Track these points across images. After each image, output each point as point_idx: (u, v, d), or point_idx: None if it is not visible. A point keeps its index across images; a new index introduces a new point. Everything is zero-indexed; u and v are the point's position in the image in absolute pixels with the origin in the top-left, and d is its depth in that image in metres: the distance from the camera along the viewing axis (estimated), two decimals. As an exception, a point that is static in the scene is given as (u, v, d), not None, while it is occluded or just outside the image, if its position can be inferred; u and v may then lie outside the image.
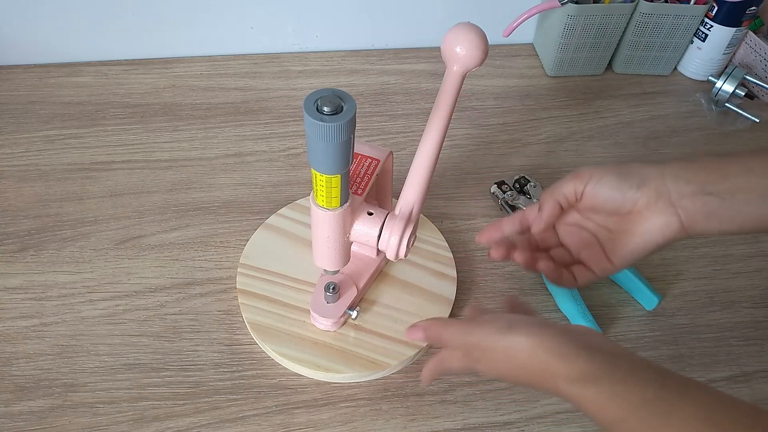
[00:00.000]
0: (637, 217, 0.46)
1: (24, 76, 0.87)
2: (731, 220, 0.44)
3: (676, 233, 0.45)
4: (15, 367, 0.58)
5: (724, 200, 0.43)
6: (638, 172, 0.46)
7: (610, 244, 0.49)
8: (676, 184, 0.44)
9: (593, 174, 0.47)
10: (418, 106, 0.87)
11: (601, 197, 0.47)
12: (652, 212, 0.45)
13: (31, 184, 0.74)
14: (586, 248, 0.50)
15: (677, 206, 0.44)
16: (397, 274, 0.66)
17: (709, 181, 0.44)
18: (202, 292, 0.65)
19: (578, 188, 0.48)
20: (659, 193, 0.45)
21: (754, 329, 0.65)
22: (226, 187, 0.75)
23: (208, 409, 0.57)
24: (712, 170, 0.44)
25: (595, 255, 0.49)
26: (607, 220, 0.49)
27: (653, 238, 0.46)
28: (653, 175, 0.45)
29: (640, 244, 0.46)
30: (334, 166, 0.44)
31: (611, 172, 0.46)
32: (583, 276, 0.50)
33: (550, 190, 0.49)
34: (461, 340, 0.43)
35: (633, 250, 0.47)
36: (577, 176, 0.48)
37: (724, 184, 0.43)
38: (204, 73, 0.89)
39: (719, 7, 0.86)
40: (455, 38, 0.50)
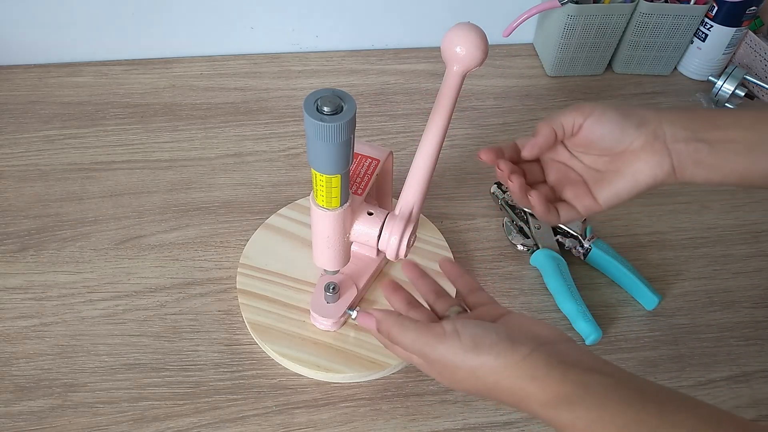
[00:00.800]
0: (630, 156, 0.46)
1: (24, 76, 0.87)
2: (718, 168, 0.45)
3: (666, 176, 0.46)
4: (15, 367, 0.58)
5: (713, 148, 0.44)
6: (638, 113, 0.46)
7: (597, 183, 0.48)
8: (672, 128, 0.45)
9: (595, 109, 0.47)
10: (418, 106, 0.87)
11: (599, 132, 0.47)
12: (646, 153, 0.45)
13: (31, 184, 0.74)
14: (572, 186, 0.50)
15: (671, 149, 0.45)
16: (397, 274, 0.66)
17: (701, 128, 0.45)
18: (202, 292, 0.65)
19: (578, 120, 0.47)
20: (656, 135, 0.45)
21: (754, 329, 0.65)
22: (226, 187, 0.75)
23: (208, 409, 0.57)
24: (705, 119, 0.45)
25: (580, 194, 0.49)
26: (596, 160, 0.49)
27: (643, 178, 0.46)
28: (652, 118, 0.46)
29: (631, 182, 0.47)
30: (334, 166, 0.44)
31: (613, 109, 0.46)
32: (567, 212, 0.49)
33: (548, 118, 0.49)
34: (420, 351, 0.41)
35: (621, 189, 0.47)
36: (578, 108, 0.47)
37: (715, 132, 0.44)
38: (204, 73, 0.89)
39: (719, 7, 0.86)
40: (455, 38, 0.50)
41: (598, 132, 0.47)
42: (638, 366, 0.62)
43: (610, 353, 0.63)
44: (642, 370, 0.62)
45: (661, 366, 0.62)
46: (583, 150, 0.49)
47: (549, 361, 0.37)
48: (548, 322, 0.64)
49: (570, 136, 0.49)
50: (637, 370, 0.62)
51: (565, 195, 0.50)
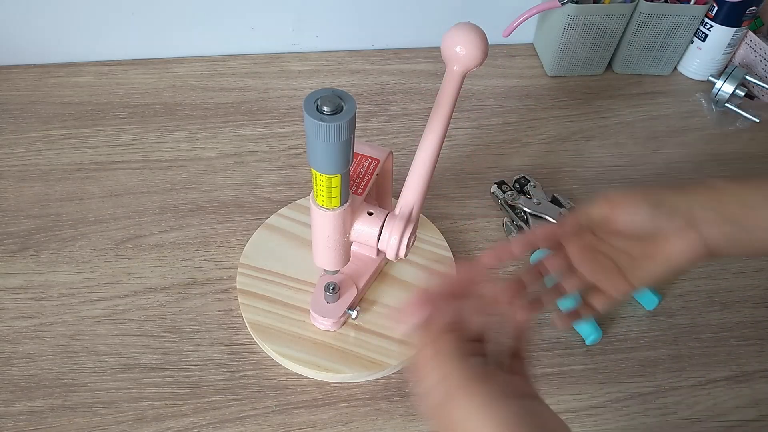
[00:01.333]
0: (663, 242, 0.46)
1: (24, 76, 0.87)
2: (753, 246, 0.45)
3: (700, 257, 0.45)
4: (15, 367, 0.58)
5: (747, 229, 0.44)
6: (668, 201, 0.46)
7: (630, 268, 0.48)
8: (703, 212, 0.45)
9: (625, 201, 0.46)
10: (418, 106, 0.87)
11: (629, 225, 0.46)
12: (680, 239, 0.45)
13: (31, 184, 0.73)
14: (603, 272, 0.49)
15: (704, 233, 0.45)
16: (397, 274, 0.66)
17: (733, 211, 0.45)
18: (202, 292, 0.65)
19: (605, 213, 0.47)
20: (689, 222, 0.45)
21: (754, 329, 0.65)
22: (226, 187, 0.75)
23: (208, 409, 0.57)
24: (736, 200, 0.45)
25: (613, 278, 0.48)
26: (627, 244, 0.48)
27: (678, 262, 0.46)
28: (683, 205, 0.45)
29: (665, 267, 0.46)
30: (334, 166, 0.44)
31: (643, 200, 0.46)
32: (601, 303, 0.49)
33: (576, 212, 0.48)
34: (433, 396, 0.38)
35: (656, 272, 0.47)
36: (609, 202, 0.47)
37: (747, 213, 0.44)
38: (204, 73, 0.89)
39: (719, 7, 0.86)
40: (455, 38, 0.50)
41: (628, 224, 0.46)
42: (638, 366, 0.62)
43: (610, 353, 0.63)
44: (642, 370, 0.62)
45: (661, 366, 0.62)
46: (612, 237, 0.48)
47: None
48: (548, 322, 0.64)
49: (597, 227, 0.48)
50: (637, 370, 0.62)
51: (598, 283, 0.49)
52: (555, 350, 0.63)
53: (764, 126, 0.87)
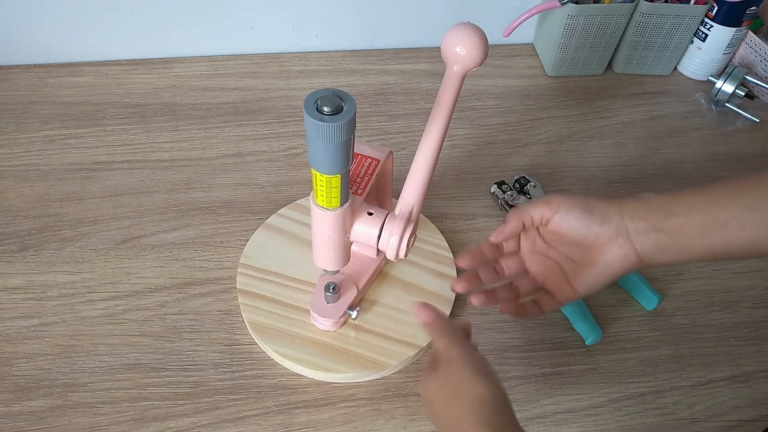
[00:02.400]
0: (599, 250, 0.49)
1: (24, 76, 0.87)
2: (680, 252, 0.48)
3: (634, 264, 0.49)
4: (15, 367, 0.58)
5: (672, 236, 0.47)
6: (601, 209, 0.49)
7: (573, 273, 0.52)
8: (632, 221, 0.48)
9: (562, 204, 0.50)
10: (418, 106, 0.87)
11: (566, 227, 0.50)
12: (612, 246, 0.49)
13: (31, 184, 0.73)
14: (552, 277, 0.53)
15: (634, 241, 0.48)
16: (397, 274, 0.66)
17: (658, 219, 0.48)
18: (202, 292, 0.65)
19: (546, 214, 0.51)
20: (619, 230, 0.48)
21: (754, 329, 0.65)
22: (226, 187, 0.75)
23: (208, 409, 0.57)
24: (660, 209, 0.48)
25: (560, 283, 0.53)
26: (571, 250, 0.52)
27: (613, 270, 0.50)
28: (613, 213, 0.49)
29: (602, 274, 0.50)
30: (334, 166, 0.44)
31: (579, 206, 0.50)
32: (548, 304, 0.53)
33: (518, 209, 0.52)
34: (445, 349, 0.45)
35: (595, 280, 0.51)
36: (547, 203, 0.51)
37: (670, 221, 0.48)
38: (204, 73, 0.89)
39: (719, 7, 0.86)
40: (455, 38, 0.50)
41: (565, 227, 0.50)
42: (638, 366, 0.62)
43: (610, 353, 0.63)
44: (642, 370, 0.62)
45: (661, 366, 0.62)
46: (556, 241, 0.53)
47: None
48: (548, 322, 0.64)
49: (540, 225, 0.52)
50: (637, 370, 0.62)
51: (546, 285, 0.54)
52: (555, 350, 0.63)
53: (764, 126, 0.87)
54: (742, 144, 0.85)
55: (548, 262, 0.53)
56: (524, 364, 0.62)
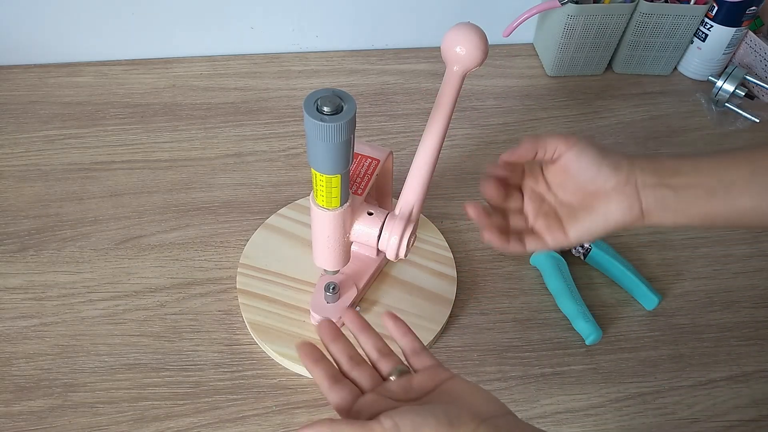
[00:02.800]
0: (603, 197, 0.48)
1: (24, 76, 0.87)
2: (682, 212, 0.47)
3: (635, 219, 0.48)
4: (15, 367, 0.58)
5: (677, 194, 0.47)
6: (615, 156, 0.49)
7: (569, 218, 0.51)
8: (642, 174, 0.48)
9: (579, 142, 0.49)
10: (418, 106, 0.87)
11: (577, 166, 0.49)
12: (618, 195, 0.48)
13: (31, 184, 0.74)
14: (544, 218, 0.52)
15: (641, 194, 0.47)
16: (397, 274, 0.66)
17: (666, 175, 0.47)
18: (202, 292, 0.65)
19: (560, 148, 0.49)
20: (628, 179, 0.48)
21: (754, 329, 0.65)
22: (226, 187, 0.75)
23: (208, 409, 0.57)
24: (669, 166, 0.48)
25: (551, 226, 0.51)
26: (571, 196, 0.51)
27: (613, 219, 0.48)
28: (625, 163, 0.48)
29: (601, 222, 0.49)
30: (334, 166, 0.44)
31: (594, 147, 0.49)
32: (533, 243, 0.52)
33: (535, 136, 0.50)
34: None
35: (591, 227, 0.49)
36: (565, 138, 0.49)
37: (678, 178, 0.47)
38: (204, 73, 0.89)
39: (719, 7, 0.86)
40: (455, 38, 0.50)
41: (576, 165, 0.49)
42: (638, 366, 0.62)
43: (610, 353, 0.63)
44: (642, 370, 0.62)
45: (661, 366, 0.62)
46: (559, 182, 0.51)
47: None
48: (548, 322, 0.64)
49: (549, 160, 0.50)
50: (637, 370, 0.62)
51: (536, 225, 0.52)
52: (555, 350, 0.63)
53: (764, 126, 0.87)
54: (742, 144, 0.85)
55: (544, 205, 0.52)
56: (524, 364, 0.62)
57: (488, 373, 0.61)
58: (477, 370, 0.61)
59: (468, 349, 0.62)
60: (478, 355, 0.62)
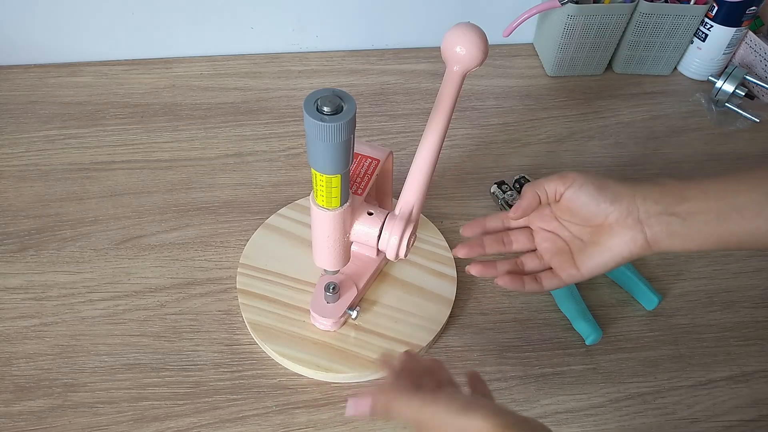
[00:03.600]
0: (607, 230, 0.49)
1: (24, 76, 0.87)
2: (691, 239, 0.47)
3: (641, 249, 0.48)
4: (15, 367, 0.58)
5: (685, 221, 0.46)
6: (614, 188, 0.49)
7: (579, 253, 0.51)
8: (644, 203, 0.47)
9: (576, 179, 0.49)
10: (418, 106, 0.87)
11: (578, 203, 0.49)
12: (621, 227, 0.48)
13: (31, 184, 0.74)
14: (558, 255, 0.53)
15: (644, 224, 0.47)
16: (397, 274, 0.66)
17: (672, 202, 0.47)
18: (202, 292, 0.65)
19: (559, 189, 0.50)
20: (629, 211, 0.48)
21: (754, 329, 0.65)
22: (226, 187, 0.75)
23: (208, 409, 0.57)
24: (675, 193, 0.47)
25: (565, 262, 0.52)
26: (581, 230, 0.51)
27: (620, 252, 0.49)
28: (625, 193, 0.48)
29: (608, 256, 0.49)
30: (334, 166, 0.44)
31: (591, 182, 0.49)
32: (550, 282, 0.53)
33: (533, 183, 0.52)
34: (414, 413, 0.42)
35: (600, 262, 0.50)
36: (561, 177, 0.50)
37: (685, 205, 0.47)
38: (204, 73, 0.89)
39: (719, 7, 0.86)
40: (455, 38, 0.50)
41: (576, 203, 0.49)
42: (638, 366, 0.62)
43: (610, 353, 0.63)
44: (642, 370, 0.62)
45: (661, 366, 0.62)
46: (567, 218, 0.52)
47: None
48: (548, 322, 0.64)
49: (552, 201, 0.51)
50: (637, 370, 0.62)
51: (551, 263, 0.53)
52: (555, 350, 0.63)
53: (764, 126, 0.87)
54: (742, 144, 0.85)
55: (557, 240, 0.53)
56: (524, 364, 0.62)
57: (488, 373, 0.61)
58: (477, 370, 0.61)
59: (468, 349, 0.62)
60: (478, 355, 0.62)
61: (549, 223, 0.53)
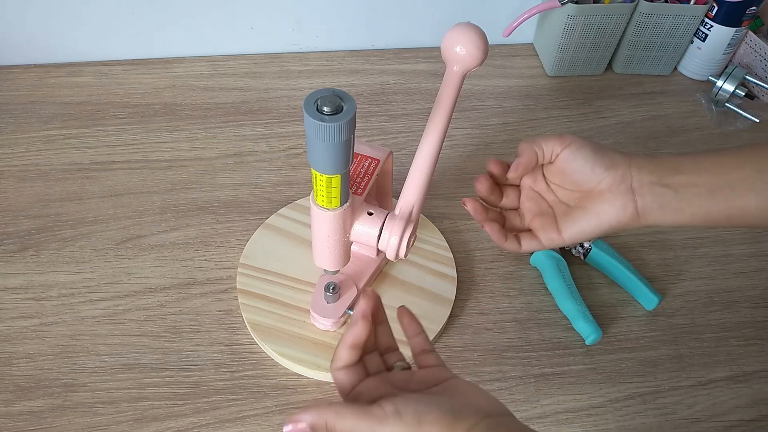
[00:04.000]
0: (597, 196, 0.48)
1: (24, 76, 0.87)
2: (682, 211, 0.46)
3: (630, 219, 0.47)
4: (15, 367, 0.58)
5: (677, 192, 0.46)
6: (610, 154, 0.48)
7: (564, 217, 0.50)
8: (639, 173, 0.47)
9: (574, 141, 0.49)
10: (418, 106, 0.87)
11: (572, 165, 0.48)
12: (612, 194, 0.47)
13: (31, 184, 0.74)
14: (540, 217, 0.51)
15: (636, 193, 0.47)
16: (397, 274, 0.66)
17: (666, 174, 0.47)
18: (202, 292, 0.65)
19: (556, 149, 0.49)
20: (623, 178, 0.47)
21: (754, 329, 0.65)
22: (226, 187, 0.75)
23: (208, 409, 0.57)
24: (670, 165, 0.47)
25: (547, 225, 0.51)
26: (568, 195, 0.50)
27: (607, 219, 0.48)
28: (621, 162, 0.47)
29: (594, 221, 0.48)
30: (334, 166, 0.44)
31: (589, 146, 0.48)
32: (529, 243, 0.51)
33: (530, 140, 0.50)
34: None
35: (585, 227, 0.49)
36: (560, 137, 0.49)
37: (678, 177, 0.46)
38: (204, 73, 0.89)
39: (719, 7, 0.86)
40: (455, 38, 0.50)
41: (571, 164, 0.49)
42: (638, 366, 0.62)
43: (610, 353, 0.63)
44: (642, 370, 0.62)
45: (661, 366, 0.62)
46: (558, 181, 0.51)
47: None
48: (548, 321, 0.64)
49: (547, 161, 0.50)
50: (637, 370, 0.62)
51: (532, 224, 0.52)
52: (555, 350, 0.63)
53: (764, 126, 0.87)
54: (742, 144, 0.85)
55: (542, 203, 0.52)
56: (524, 364, 0.62)
57: (488, 373, 0.61)
58: (477, 370, 0.61)
59: (468, 349, 0.62)
60: (478, 355, 0.62)
61: (537, 184, 0.52)
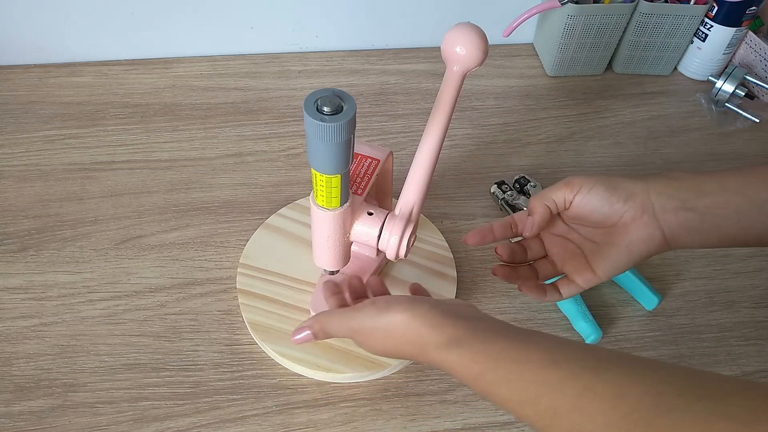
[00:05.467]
0: (622, 229, 0.47)
1: (24, 76, 0.87)
2: (710, 234, 0.45)
3: (659, 246, 0.46)
4: (15, 367, 0.58)
5: (703, 216, 0.45)
6: (625, 186, 0.47)
7: (594, 255, 0.50)
8: (659, 199, 0.46)
9: (584, 184, 0.48)
10: (418, 106, 0.87)
11: (589, 207, 0.48)
12: (637, 225, 0.46)
13: (31, 184, 0.74)
14: (571, 259, 0.51)
15: (660, 221, 0.46)
16: (397, 274, 0.66)
17: (688, 197, 0.45)
18: (202, 292, 0.65)
19: (568, 197, 0.49)
20: (644, 207, 0.46)
21: (754, 329, 0.65)
22: (226, 187, 0.75)
23: (208, 409, 0.57)
24: (691, 186, 0.46)
25: (580, 266, 0.50)
26: (592, 232, 0.50)
27: (637, 251, 0.47)
28: (639, 190, 0.46)
29: (625, 255, 0.48)
30: (334, 166, 0.44)
31: (601, 184, 0.47)
32: (568, 289, 0.51)
33: (540, 195, 0.50)
34: (346, 328, 0.45)
35: (618, 262, 0.48)
36: (568, 184, 0.49)
37: (703, 200, 0.45)
38: (204, 73, 0.89)
39: (719, 7, 0.86)
40: (455, 38, 0.50)
41: (588, 207, 0.48)
42: (638, 366, 0.62)
43: (610, 353, 0.63)
44: (642, 370, 0.62)
45: (661, 366, 0.62)
46: (578, 223, 0.51)
47: (447, 313, 0.41)
48: (548, 322, 0.64)
49: (562, 210, 0.50)
50: (637, 370, 0.62)
51: (565, 269, 0.51)
52: (555, 350, 0.63)
53: (764, 126, 0.87)
54: (742, 144, 0.85)
55: (568, 245, 0.51)
56: (524, 364, 0.61)
57: (488, 373, 0.61)
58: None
59: (468, 349, 0.62)
60: (478, 355, 0.62)
61: (556, 228, 0.52)
